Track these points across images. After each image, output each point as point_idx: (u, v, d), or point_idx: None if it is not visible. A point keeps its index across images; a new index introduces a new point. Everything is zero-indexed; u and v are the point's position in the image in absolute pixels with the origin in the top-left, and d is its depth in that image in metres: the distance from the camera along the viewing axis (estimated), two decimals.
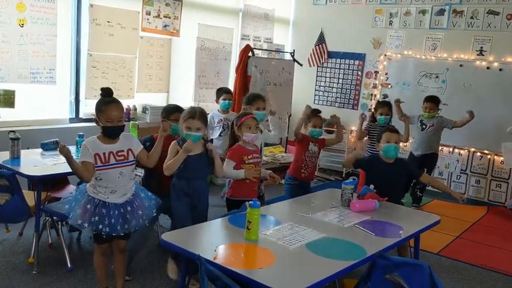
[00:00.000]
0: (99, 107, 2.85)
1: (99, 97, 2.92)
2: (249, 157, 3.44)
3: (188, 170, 3.12)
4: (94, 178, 2.86)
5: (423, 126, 5.66)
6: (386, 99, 6.53)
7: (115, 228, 2.85)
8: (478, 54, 6.22)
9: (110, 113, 2.81)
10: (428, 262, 2.36)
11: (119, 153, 2.89)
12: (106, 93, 2.89)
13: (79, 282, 3.34)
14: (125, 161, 2.92)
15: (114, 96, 2.92)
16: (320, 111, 4.39)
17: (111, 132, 2.86)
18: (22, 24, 4.49)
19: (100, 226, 2.82)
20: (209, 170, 3.29)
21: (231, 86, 6.54)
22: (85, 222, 2.83)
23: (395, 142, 3.66)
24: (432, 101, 5.62)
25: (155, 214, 3.13)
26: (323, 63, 7.55)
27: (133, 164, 2.99)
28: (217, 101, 5.22)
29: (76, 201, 2.90)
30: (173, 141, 3.17)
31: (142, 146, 3.04)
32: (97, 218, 2.83)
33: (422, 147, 5.69)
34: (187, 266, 2.52)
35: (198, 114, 3.15)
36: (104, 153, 2.84)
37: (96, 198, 2.86)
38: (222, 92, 5.21)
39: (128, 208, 2.92)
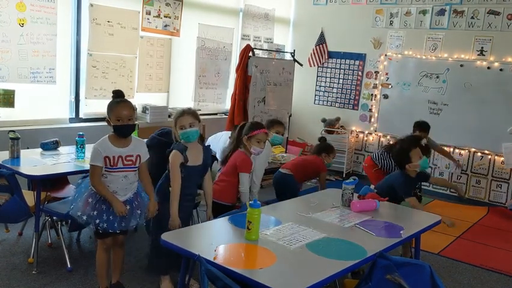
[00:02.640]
0: (109, 106, 2.89)
1: (99, 97, 2.95)
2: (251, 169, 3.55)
3: (183, 178, 3.11)
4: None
5: None
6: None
7: (112, 225, 2.89)
8: (478, 54, 6.21)
9: (120, 112, 2.83)
10: (428, 262, 2.36)
11: (127, 158, 2.91)
12: (117, 95, 2.92)
13: (78, 282, 3.34)
14: (132, 166, 2.94)
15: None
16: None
17: (121, 131, 2.86)
18: (22, 24, 4.48)
19: (97, 221, 2.86)
20: (200, 180, 3.29)
21: (231, 86, 6.55)
22: (84, 215, 2.86)
23: (428, 153, 3.90)
24: (425, 130, 5.49)
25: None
26: (323, 63, 7.55)
27: (137, 169, 3.00)
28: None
29: (79, 193, 2.94)
30: (174, 151, 3.09)
31: (148, 157, 3.03)
32: (95, 213, 2.86)
33: None
34: (186, 265, 2.51)
35: (186, 111, 3.16)
36: (113, 157, 2.85)
37: (98, 194, 2.88)
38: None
39: (128, 207, 2.94)
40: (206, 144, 3.34)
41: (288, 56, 7.09)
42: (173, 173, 3.06)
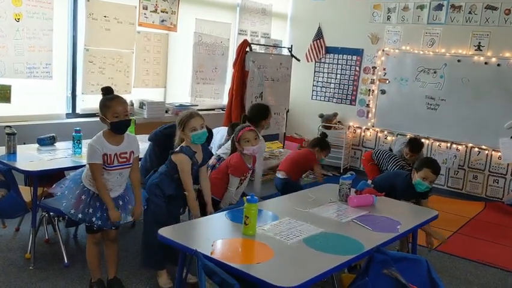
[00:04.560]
0: (104, 103, 2.84)
1: (96, 92, 2.93)
2: (245, 174, 3.52)
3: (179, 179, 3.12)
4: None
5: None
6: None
7: (106, 221, 2.89)
8: (476, 50, 6.20)
9: (116, 108, 2.80)
10: (425, 257, 2.36)
11: (122, 155, 2.90)
12: (107, 92, 2.88)
13: (75, 277, 3.33)
14: (127, 163, 2.93)
15: None
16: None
17: (119, 127, 2.84)
18: (18, 19, 4.45)
19: (93, 219, 2.86)
20: (195, 175, 3.29)
21: (228, 81, 6.53)
22: (79, 212, 2.85)
23: (430, 182, 3.63)
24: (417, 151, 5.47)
25: (145, 207, 3.15)
26: (320, 58, 7.53)
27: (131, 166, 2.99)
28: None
29: (70, 190, 2.92)
30: (182, 155, 3.07)
31: (139, 153, 3.04)
32: (91, 210, 2.86)
33: None
34: (183, 260, 2.51)
35: (195, 113, 3.17)
36: (110, 155, 2.84)
37: (91, 190, 2.88)
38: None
39: (120, 202, 2.96)
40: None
41: (285, 51, 7.08)
42: (186, 179, 3.07)
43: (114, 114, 2.80)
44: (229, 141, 4.03)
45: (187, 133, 3.09)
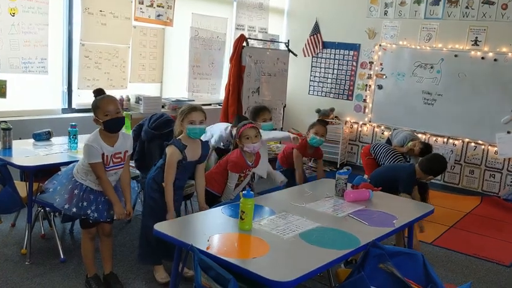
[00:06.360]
0: (95, 105, 2.85)
1: (92, 87, 2.93)
2: (244, 171, 3.50)
3: (179, 171, 3.11)
4: (88, 166, 2.85)
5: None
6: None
7: (102, 214, 2.91)
8: (472, 45, 6.20)
9: (106, 107, 2.80)
10: (421, 252, 2.37)
11: (116, 155, 2.90)
12: (99, 94, 2.89)
13: (71, 272, 3.33)
14: (121, 163, 2.94)
15: (108, 86, 2.91)
16: (326, 122, 4.64)
17: (112, 126, 2.84)
18: (13, 13, 4.42)
19: (89, 211, 2.87)
20: (193, 171, 3.28)
21: (225, 76, 6.51)
22: (73, 207, 2.86)
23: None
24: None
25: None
26: (317, 53, 7.52)
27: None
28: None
29: (62, 185, 2.93)
30: (173, 148, 3.05)
31: (132, 151, 3.04)
32: (85, 204, 2.87)
33: None
34: (179, 254, 2.51)
35: (198, 107, 3.14)
36: (107, 156, 2.84)
37: (84, 184, 2.88)
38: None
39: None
40: (204, 139, 3.32)
41: (282, 46, 7.06)
42: (169, 170, 3.04)
43: (105, 113, 2.80)
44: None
45: (184, 125, 3.07)
